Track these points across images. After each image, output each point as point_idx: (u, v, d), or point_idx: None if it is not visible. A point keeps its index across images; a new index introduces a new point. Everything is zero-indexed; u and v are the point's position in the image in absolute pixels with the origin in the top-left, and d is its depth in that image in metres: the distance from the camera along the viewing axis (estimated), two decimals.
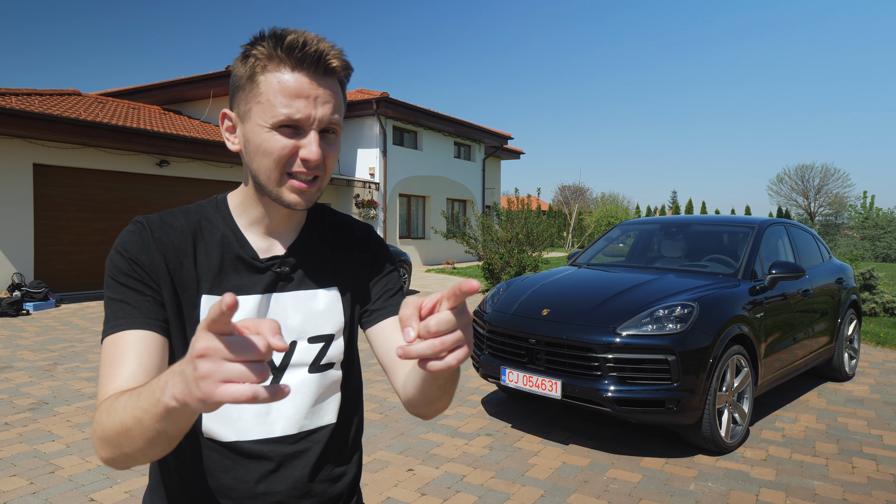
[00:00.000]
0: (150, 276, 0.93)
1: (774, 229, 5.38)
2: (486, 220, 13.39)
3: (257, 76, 0.91)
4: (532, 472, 3.75)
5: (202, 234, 0.99)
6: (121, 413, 0.74)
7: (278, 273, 1.01)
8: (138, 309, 0.90)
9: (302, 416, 1.00)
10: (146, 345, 0.88)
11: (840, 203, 43.71)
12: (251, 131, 0.93)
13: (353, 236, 1.13)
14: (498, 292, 4.95)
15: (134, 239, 0.94)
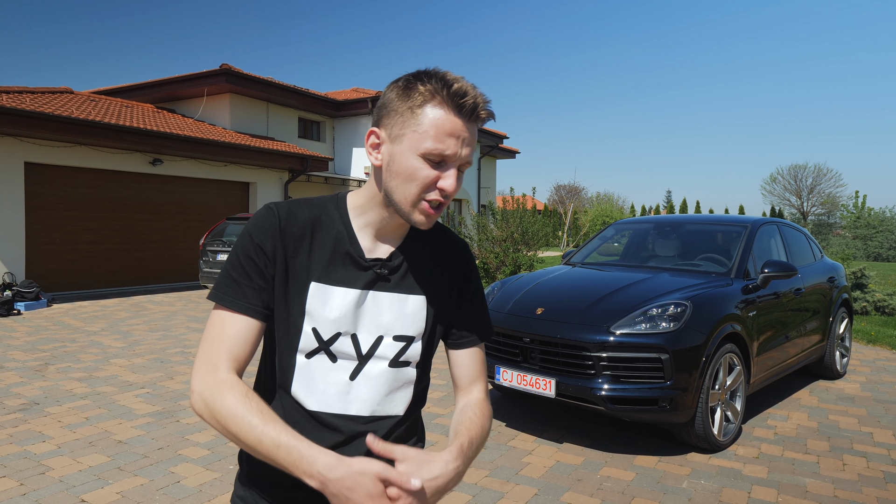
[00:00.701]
0: (270, 263, 1.09)
1: (767, 228, 5.40)
2: (482, 220, 13.39)
3: (419, 108, 1.03)
4: (526, 470, 3.76)
5: (320, 227, 1.12)
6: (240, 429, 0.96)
7: (378, 273, 1.13)
8: (245, 295, 1.07)
9: (375, 402, 1.13)
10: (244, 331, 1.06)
11: (832, 203, 43.96)
12: (400, 153, 1.05)
13: (453, 251, 1.24)
14: (493, 291, 4.96)
15: (264, 224, 1.09)
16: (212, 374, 1.03)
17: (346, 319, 1.10)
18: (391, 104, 1.06)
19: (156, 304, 10.67)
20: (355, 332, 1.11)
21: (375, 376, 1.13)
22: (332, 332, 1.10)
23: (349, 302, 1.10)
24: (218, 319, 1.07)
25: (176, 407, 4.88)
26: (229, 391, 1.00)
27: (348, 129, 19.91)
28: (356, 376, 1.12)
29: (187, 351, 6.93)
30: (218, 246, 9.96)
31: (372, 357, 1.13)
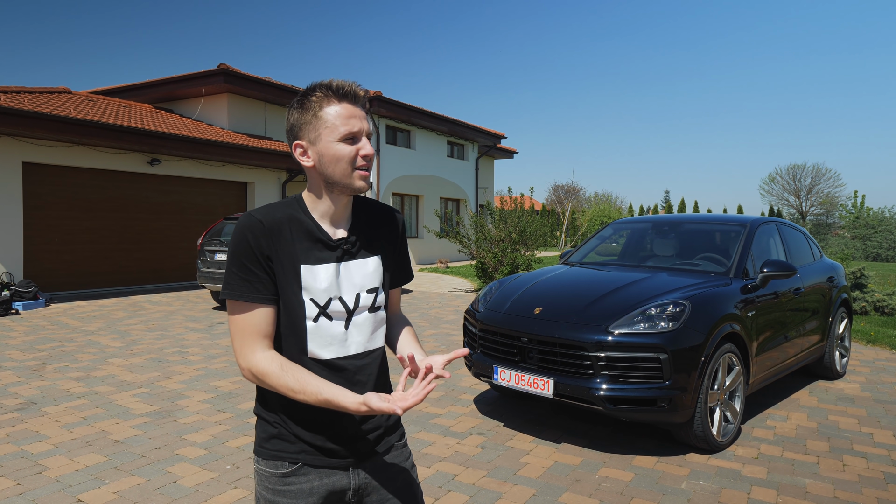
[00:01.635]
0: (266, 258, 1.38)
1: (766, 228, 5.39)
2: (480, 220, 13.37)
3: (319, 111, 1.38)
4: (524, 470, 3.74)
5: (294, 223, 1.43)
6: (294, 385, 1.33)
7: (345, 249, 1.47)
8: (258, 290, 1.38)
9: (365, 341, 1.49)
10: (265, 317, 1.39)
11: (831, 203, 43.99)
12: (324, 148, 1.39)
13: (386, 217, 1.59)
14: (490, 291, 4.94)
15: (253, 229, 1.38)
16: (253, 355, 1.37)
17: (332, 287, 1.44)
18: (299, 121, 1.41)
19: (154, 304, 10.64)
20: (340, 295, 1.45)
21: (361, 322, 1.49)
22: (325, 298, 1.43)
23: (331, 274, 1.44)
24: (241, 312, 1.39)
25: (173, 407, 4.86)
26: (271, 364, 1.36)
27: None
28: (348, 326, 1.46)
29: (185, 351, 6.91)
30: (216, 246, 9.93)
31: (356, 309, 1.48)
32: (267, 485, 1.45)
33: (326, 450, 1.45)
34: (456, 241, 13.55)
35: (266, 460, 1.46)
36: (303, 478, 1.44)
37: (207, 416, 4.64)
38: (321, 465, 1.45)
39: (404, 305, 11.05)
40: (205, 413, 4.72)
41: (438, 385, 5.65)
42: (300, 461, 1.44)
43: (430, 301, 11.71)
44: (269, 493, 1.45)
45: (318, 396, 1.33)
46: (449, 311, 10.34)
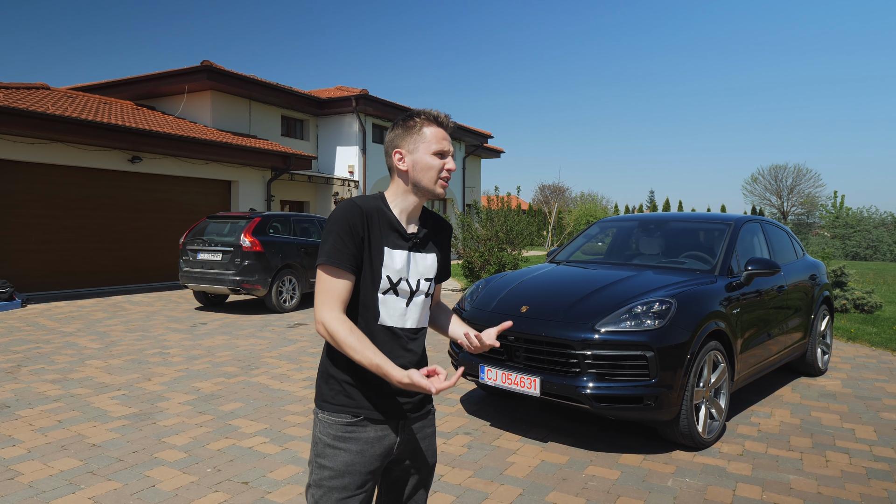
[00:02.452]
0: (358, 236, 1.68)
1: (750, 226, 5.41)
2: (466, 219, 13.34)
3: (421, 129, 1.74)
4: (510, 470, 3.71)
5: (380, 213, 1.74)
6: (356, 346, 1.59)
7: (415, 242, 1.80)
8: (347, 259, 1.66)
9: (418, 319, 1.81)
10: (346, 283, 1.67)
11: (812, 202, 44.59)
12: (420, 158, 1.74)
13: (444, 225, 1.95)
14: (477, 290, 4.90)
15: (353, 210, 1.70)
16: (330, 313, 1.64)
17: (403, 269, 1.76)
18: (403, 134, 1.76)
19: (134, 305, 10.48)
20: (408, 278, 1.77)
21: (419, 303, 1.81)
22: (397, 277, 1.75)
23: (404, 259, 1.76)
24: (330, 274, 1.66)
25: (153, 409, 4.77)
26: (342, 325, 1.62)
27: (332, 128, 19.77)
28: (409, 304, 1.78)
29: (166, 352, 6.80)
30: (198, 245, 9.79)
31: (416, 292, 1.80)
32: (329, 432, 1.72)
33: (382, 408, 1.74)
34: None
35: (330, 413, 1.73)
36: (361, 429, 1.71)
37: (188, 419, 4.55)
38: (377, 420, 1.74)
39: None
40: (185, 415, 4.63)
41: None
42: (362, 415, 1.72)
43: None
44: (331, 438, 1.71)
45: (372, 361, 1.58)
46: None
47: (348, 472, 1.69)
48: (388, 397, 1.74)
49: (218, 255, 9.56)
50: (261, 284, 9.41)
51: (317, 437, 1.75)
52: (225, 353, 6.80)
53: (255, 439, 4.15)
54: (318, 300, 1.66)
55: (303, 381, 5.66)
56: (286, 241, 10.01)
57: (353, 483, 1.69)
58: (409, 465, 1.83)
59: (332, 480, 1.69)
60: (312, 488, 1.73)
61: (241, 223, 9.76)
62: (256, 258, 9.37)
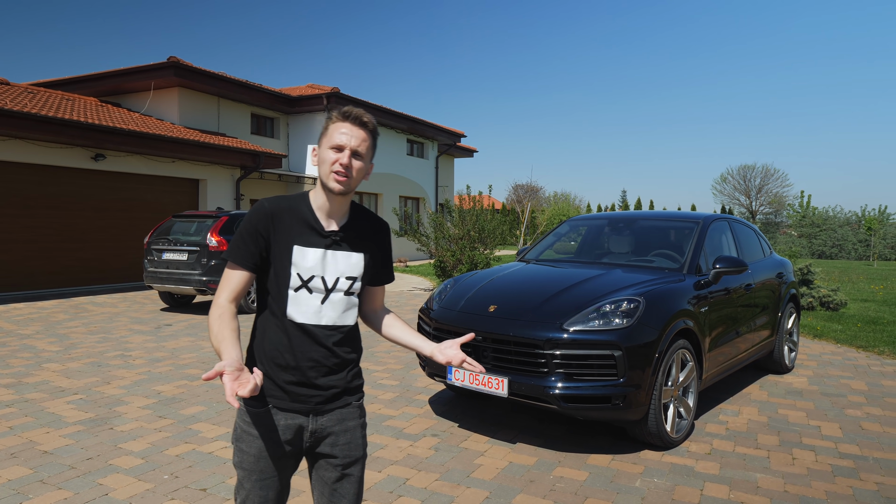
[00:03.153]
0: (265, 237, 1.75)
1: (718, 225, 5.44)
2: (439, 218, 13.27)
3: (329, 126, 1.77)
4: (478, 472, 3.64)
5: (293, 212, 1.79)
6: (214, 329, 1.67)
7: (333, 240, 1.81)
8: (243, 256, 1.74)
9: (336, 317, 1.82)
10: (239, 279, 1.75)
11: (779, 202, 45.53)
12: (321, 154, 1.78)
13: (379, 225, 1.94)
14: (445, 289, 4.83)
15: (259, 212, 1.76)
16: (217, 300, 1.74)
17: (317, 267, 1.78)
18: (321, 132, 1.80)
19: (97, 306, 10.18)
20: (323, 275, 1.78)
21: (338, 301, 1.82)
22: (309, 275, 1.77)
23: (318, 256, 1.78)
24: (228, 268, 1.77)
25: (110, 413, 4.60)
26: (215, 310, 1.72)
27: (303, 126, 19.53)
28: (325, 301, 1.79)
29: (127, 354, 6.59)
30: (163, 244, 9.55)
31: (333, 290, 1.81)
32: (245, 418, 1.79)
33: (291, 399, 1.79)
34: (415, 240, 13.41)
35: (244, 399, 1.78)
36: (267, 416, 1.78)
37: (147, 423, 4.40)
38: (287, 409, 1.78)
39: None
40: (144, 420, 4.48)
41: (392, 386, 5.52)
42: (271, 404, 1.78)
43: (388, 300, 11.55)
44: (245, 424, 1.79)
45: (215, 346, 1.65)
46: (407, 311, 10.21)
47: (262, 458, 1.78)
48: (296, 388, 1.79)
49: (184, 254, 9.34)
50: None
51: (236, 422, 1.83)
52: (189, 355, 6.62)
53: (215, 444, 4.02)
54: (217, 290, 1.79)
55: None
56: None
57: (267, 468, 1.78)
58: (330, 457, 1.85)
59: (251, 465, 1.78)
60: (236, 469, 1.82)
61: (208, 222, 9.55)
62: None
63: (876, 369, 6.44)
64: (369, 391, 5.33)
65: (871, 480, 3.62)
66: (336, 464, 1.85)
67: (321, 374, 1.79)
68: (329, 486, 1.86)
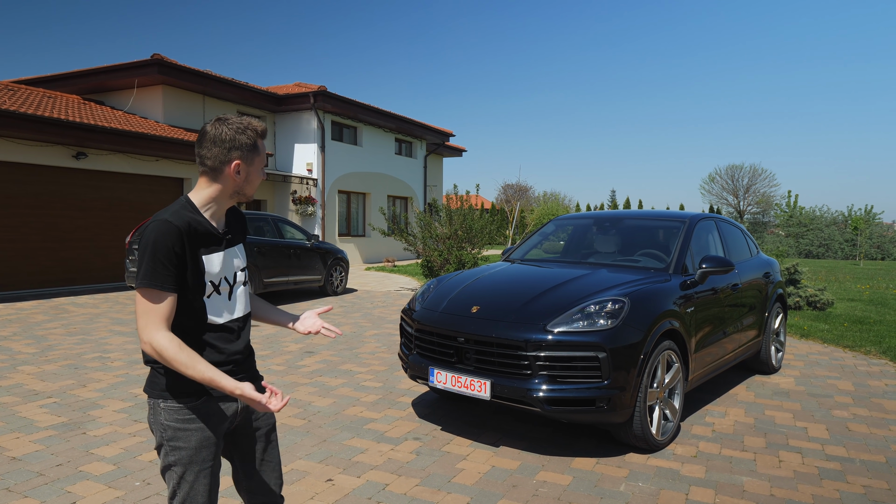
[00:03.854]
0: (180, 256, 1.74)
1: (705, 224, 5.39)
2: (426, 217, 13.17)
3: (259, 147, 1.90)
4: (459, 477, 3.56)
5: (195, 224, 1.80)
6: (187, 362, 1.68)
7: (227, 239, 1.91)
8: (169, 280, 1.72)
9: (244, 307, 1.98)
10: (170, 303, 1.73)
11: (767, 202, 45.80)
12: (257, 170, 1.91)
13: (237, 215, 2.03)
14: (428, 289, 4.75)
15: (172, 232, 1.72)
16: (157, 332, 1.70)
17: (223, 269, 1.88)
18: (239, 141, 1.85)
19: (78, 307, 10.00)
20: (226, 275, 1.90)
21: (240, 294, 1.96)
22: (218, 279, 1.87)
23: (221, 259, 1.88)
24: (151, 296, 1.71)
25: (84, 418, 4.47)
26: (171, 343, 1.69)
27: (290, 125, 19.35)
28: (231, 297, 1.92)
29: (106, 356, 6.45)
30: None
31: (235, 284, 1.95)
32: (178, 417, 1.80)
33: None
34: (402, 240, 13.31)
35: (176, 398, 1.80)
36: (207, 406, 1.84)
37: (121, 428, 4.28)
38: (222, 398, 1.87)
39: (347, 305, 10.76)
40: (119, 424, 4.35)
41: (375, 388, 5.43)
42: (205, 395, 1.84)
43: (375, 300, 11.44)
44: (180, 422, 1.81)
45: (204, 375, 1.69)
46: (393, 311, 10.11)
47: (203, 447, 1.83)
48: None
49: None
50: None
51: (163, 424, 1.82)
52: None
53: None
54: (142, 321, 1.71)
55: None
56: None
57: (209, 455, 1.85)
58: (256, 430, 2.01)
59: (190, 457, 1.82)
60: (172, 469, 1.82)
61: None
62: None
63: (863, 369, 6.42)
64: (351, 393, 5.23)
65: (858, 483, 3.58)
66: (260, 434, 2.02)
67: (244, 359, 1.96)
68: (258, 459, 2.02)
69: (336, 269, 12.13)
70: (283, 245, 10.55)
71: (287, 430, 4.29)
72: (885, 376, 6.15)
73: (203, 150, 1.82)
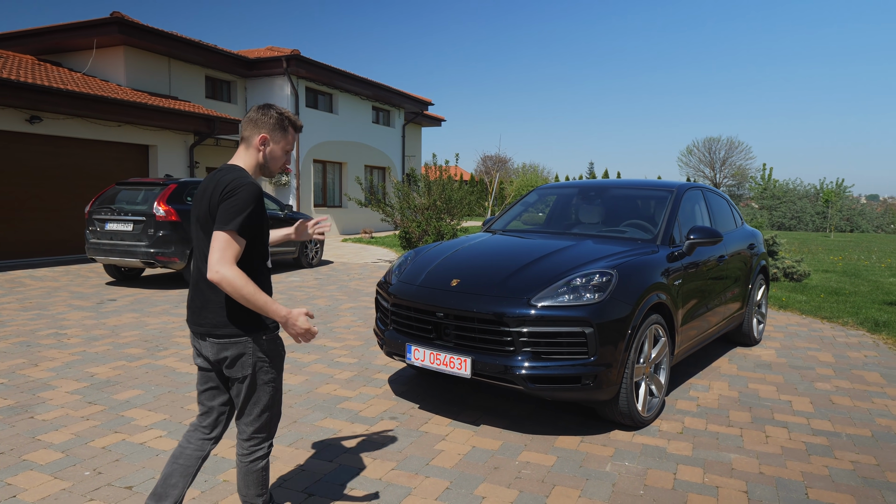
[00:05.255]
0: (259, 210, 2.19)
1: (692, 193, 5.20)
2: (404, 188, 12.85)
3: (289, 131, 2.35)
4: (438, 459, 3.37)
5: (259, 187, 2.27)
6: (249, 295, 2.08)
7: None
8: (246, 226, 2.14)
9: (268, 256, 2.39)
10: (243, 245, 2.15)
11: (742, 174, 46.23)
12: (277, 151, 2.33)
13: None
14: (405, 261, 4.50)
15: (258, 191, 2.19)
16: (231, 268, 2.07)
17: None
18: (271, 123, 2.29)
19: (36, 280, 9.54)
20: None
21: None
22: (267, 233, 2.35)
23: None
24: (235, 239, 2.10)
25: (33, 400, 4.16)
26: (240, 276, 2.07)
27: (262, 90, 18.68)
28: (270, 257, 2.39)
29: (62, 332, 6.10)
30: (106, 214, 8.93)
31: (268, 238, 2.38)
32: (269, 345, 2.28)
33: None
34: (379, 210, 12.99)
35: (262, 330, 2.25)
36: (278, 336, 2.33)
37: (73, 411, 3.98)
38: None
39: (322, 278, 10.47)
40: (71, 406, 4.06)
41: (350, 364, 5.20)
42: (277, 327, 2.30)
43: (352, 272, 11.16)
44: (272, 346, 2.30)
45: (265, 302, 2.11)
46: (369, 283, 9.85)
47: (281, 366, 2.36)
48: None
49: (129, 224, 8.75)
50: (178, 257, 8.69)
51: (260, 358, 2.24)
52: (131, 332, 6.16)
53: (149, 433, 3.65)
54: (218, 255, 2.07)
55: None
56: None
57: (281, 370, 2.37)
58: None
59: (278, 373, 2.33)
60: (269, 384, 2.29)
61: (156, 190, 8.96)
62: (172, 228, 8.63)
63: (841, 340, 6.38)
64: (325, 370, 4.99)
65: (846, 459, 3.47)
66: None
67: None
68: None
69: (311, 241, 11.77)
70: None
71: None
72: (864, 347, 6.11)
73: (243, 124, 2.31)
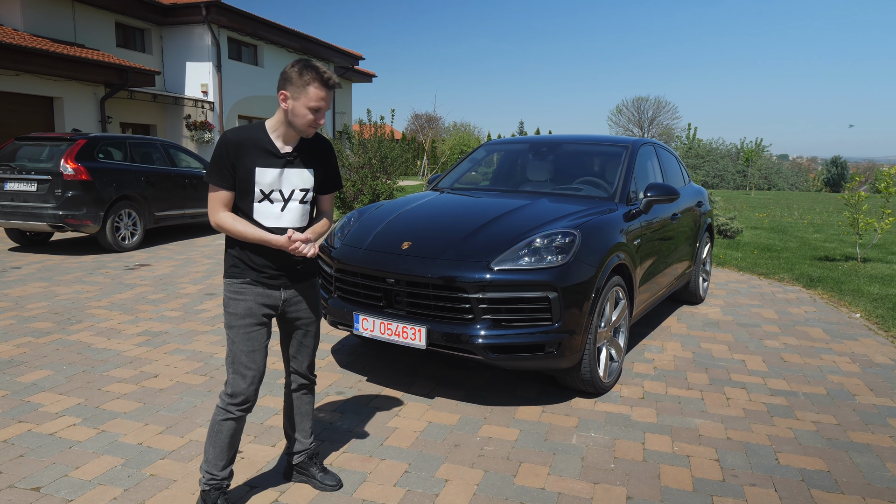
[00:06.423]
0: (233, 164, 2.26)
1: (646, 150, 5.03)
2: (337, 145, 12.24)
3: (307, 86, 2.23)
4: (393, 438, 3.09)
5: (254, 140, 2.29)
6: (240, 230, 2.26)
7: (288, 160, 2.34)
8: (223, 179, 2.27)
9: (294, 221, 2.38)
10: (226, 195, 2.29)
11: (669, 134, 47.48)
12: (298, 107, 2.25)
13: (324, 145, 2.48)
14: (348, 223, 4.12)
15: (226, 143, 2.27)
16: (218, 213, 2.29)
17: (275, 182, 2.31)
18: (293, 79, 2.23)
19: None
20: (280, 188, 2.32)
21: (294, 209, 2.37)
22: (269, 189, 2.31)
23: (276, 174, 2.31)
24: (211, 189, 2.29)
25: None
26: (227, 217, 2.28)
27: (180, 40, 17.30)
28: (284, 209, 2.35)
29: None
30: (6, 172, 7.98)
31: (290, 199, 2.36)
32: (231, 289, 2.33)
33: (266, 276, 2.36)
34: None
35: (230, 278, 2.35)
36: (251, 287, 2.34)
37: None
38: (263, 284, 2.35)
39: None
40: None
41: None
42: (249, 279, 2.34)
43: None
44: (231, 293, 2.33)
45: (255, 235, 2.25)
46: None
47: (247, 315, 2.32)
48: (270, 272, 2.36)
49: (32, 184, 7.86)
50: (91, 219, 7.90)
51: (224, 296, 2.35)
52: (38, 304, 5.52)
53: (61, 421, 3.19)
54: (209, 207, 2.29)
55: (137, 338, 4.62)
56: (122, 168, 8.46)
57: (252, 322, 2.33)
58: (295, 318, 2.48)
59: (238, 320, 2.32)
60: (227, 330, 2.34)
61: (62, 146, 8.06)
62: (83, 188, 7.81)
63: (780, 296, 6.51)
64: None
65: (808, 419, 3.45)
66: (301, 324, 2.50)
67: (286, 262, 2.37)
68: (298, 343, 2.53)
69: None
70: (175, 174, 9.37)
71: (184, 390, 3.63)
72: (802, 303, 6.25)
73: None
